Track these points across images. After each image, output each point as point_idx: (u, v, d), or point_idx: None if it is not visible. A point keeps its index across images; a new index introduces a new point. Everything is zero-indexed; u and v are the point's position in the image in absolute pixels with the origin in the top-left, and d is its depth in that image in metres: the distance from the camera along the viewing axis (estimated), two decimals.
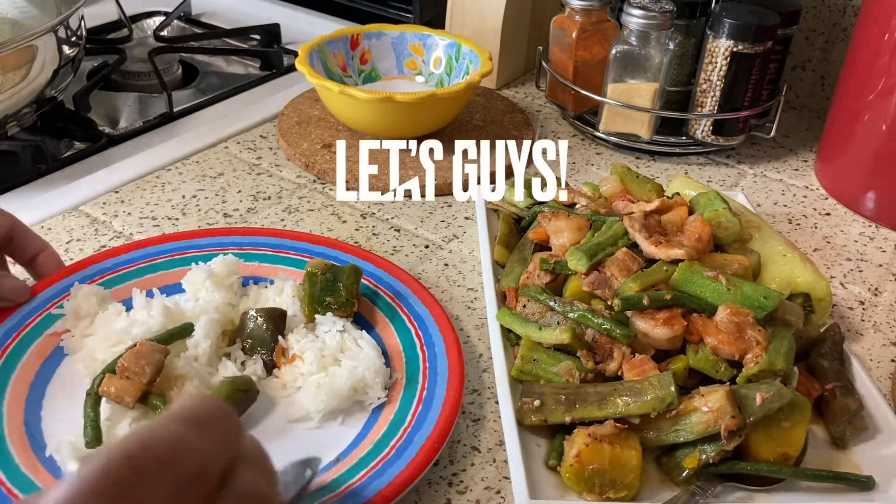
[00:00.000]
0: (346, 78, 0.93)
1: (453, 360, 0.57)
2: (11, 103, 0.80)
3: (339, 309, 0.60)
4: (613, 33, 0.91)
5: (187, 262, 0.66)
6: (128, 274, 0.65)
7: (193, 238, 0.68)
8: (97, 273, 0.64)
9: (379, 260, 0.67)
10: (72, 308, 0.60)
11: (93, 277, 0.64)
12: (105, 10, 1.15)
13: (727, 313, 0.55)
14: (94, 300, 0.60)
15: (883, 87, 0.78)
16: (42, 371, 0.57)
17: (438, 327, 0.61)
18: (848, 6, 0.98)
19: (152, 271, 0.65)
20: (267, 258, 0.68)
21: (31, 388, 0.56)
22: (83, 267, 0.64)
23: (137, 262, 0.66)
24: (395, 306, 0.63)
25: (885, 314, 0.70)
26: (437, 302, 0.63)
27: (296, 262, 0.67)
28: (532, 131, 0.93)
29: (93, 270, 0.64)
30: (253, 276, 0.66)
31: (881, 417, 0.56)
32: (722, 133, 0.89)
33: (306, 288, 0.61)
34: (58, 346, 0.59)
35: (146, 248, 0.67)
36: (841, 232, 0.81)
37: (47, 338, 0.59)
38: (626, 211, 0.64)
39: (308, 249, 0.68)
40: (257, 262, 0.67)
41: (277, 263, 0.67)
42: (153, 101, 0.99)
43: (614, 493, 0.50)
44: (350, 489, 0.48)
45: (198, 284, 0.61)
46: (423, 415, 0.54)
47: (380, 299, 0.64)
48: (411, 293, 0.64)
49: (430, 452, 0.51)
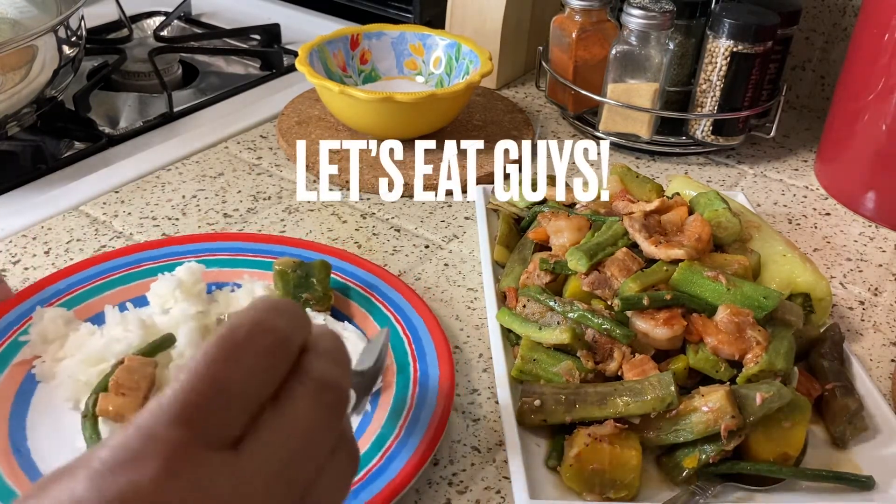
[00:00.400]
0: (346, 78, 0.93)
1: (438, 340, 0.59)
2: (11, 103, 0.80)
3: (317, 304, 0.60)
4: (613, 33, 0.91)
5: (146, 274, 0.64)
6: (88, 292, 0.63)
7: (146, 250, 0.67)
8: (53, 295, 0.62)
9: (344, 253, 0.68)
10: (38, 333, 0.57)
11: (50, 300, 0.61)
12: (105, 10, 1.15)
13: (727, 313, 0.55)
14: (60, 322, 0.58)
15: (883, 87, 0.78)
16: (18, 403, 0.54)
17: (416, 311, 0.62)
18: (848, 6, 0.98)
19: (111, 287, 0.63)
20: (227, 262, 0.67)
21: (10, 422, 0.53)
22: (38, 290, 0.62)
23: (94, 280, 0.64)
24: (370, 296, 0.64)
25: (885, 314, 0.70)
26: (409, 288, 0.64)
27: (258, 263, 0.67)
28: (532, 131, 0.93)
29: (49, 293, 0.62)
30: (215, 281, 0.65)
31: (881, 417, 0.56)
32: (722, 133, 0.89)
33: (279, 286, 0.61)
34: (28, 374, 0.56)
35: (100, 265, 0.65)
36: (841, 232, 0.81)
37: (15, 368, 0.56)
38: (626, 211, 0.65)
39: (267, 250, 0.68)
40: (217, 267, 0.66)
41: (239, 267, 0.66)
42: (153, 101, 0.99)
43: (614, 493, 0.50)
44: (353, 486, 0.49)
45: (166, 295, 0.60)
46: (422, 395, 0.55)
47: (352, 291, 0.64)
48: (382, 282, 0.65)
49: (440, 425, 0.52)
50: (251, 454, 0.29)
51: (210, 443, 0.29)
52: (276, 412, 0.31)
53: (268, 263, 0.65)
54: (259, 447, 0.29)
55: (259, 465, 0.29)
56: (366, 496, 0.48)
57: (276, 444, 0.30)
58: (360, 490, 0.48)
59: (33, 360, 0.57)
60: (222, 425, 0.29)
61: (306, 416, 0.31)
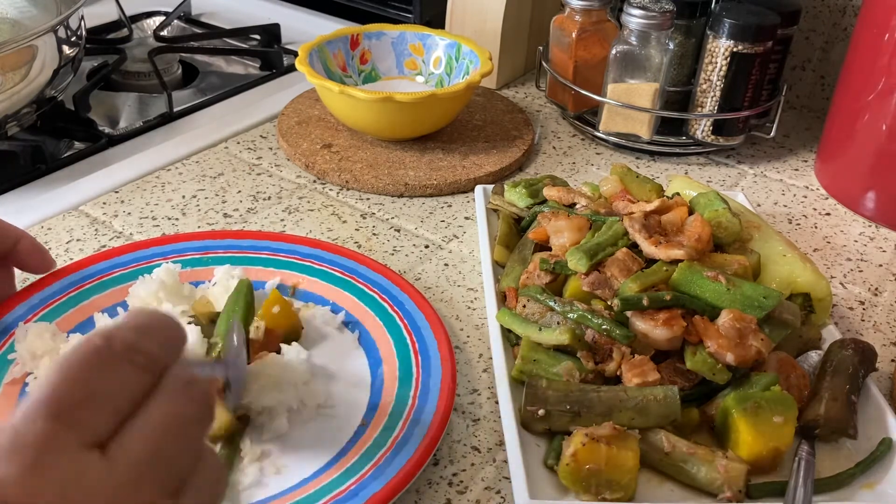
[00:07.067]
0: (346, 78, 0.93)
1: (441, 340, 0.59)
2: (11, 103, 0.80)
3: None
4: (613, 33, 0.91)
5: (118, 281, 0.64)
6: (66, 302, 0.61)
7: (112, 258, 0.66)
8: (29, 311, 0.60)
9: (345, 250, 0.68)
10: (26, 350, 0.56)
11: (27, 316, 0.60)
12: (105, 10, 1.15)
13: (730, 318, 0.55)
14: (46, 336, 0.57)
15: (883, 87, 0.78)
16: None
17: (420, 310, 0.62)
18: (848, 6, 0.98)
19: (87, 296, 0.62)
20: (197, 262, 0.67)
21: None
22: (10, 308, 0.60)
23: (70, 290, 0.62)
24: (374, 294, 0.64)
25: (885, 314, 0.70)
26: (412, 286, 0.64)
27: (228, 259, 0.67)
28: (532, 131, 0.93)
29: (24, 309, 0.60)
30: (190, 281, 0.64)
31: (881, 417, 0.56)
32: (722, 133, 0.89)
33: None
34: (23, 393, 0.55)
35: (69, 276, 0.63)
36: (841, 232, 0.81)
37: (8, 388, 0.55)
38: (626, 211, 0.64)
39: (233, 245, 0.68)
40: (191, 266, 0.66)
41: (210, 265, 0.66)
42: (153, 101, 0.99)
43: (610, 494, 0.50)
44: (349, 489, 0.48)
45: (148, 297, 0.59)
46: (424, 395, 0.55)
47: (356, 289, 0.65)
48: (386, 280, 0.65)
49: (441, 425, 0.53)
50: (118, 451, 0.30)
51: (79, 439, 0.29)
52: (140, 414, 0.32)
53: (238, 259, 0.66)
54: (126, 442, 0.30)
55: (126, 461, 0.30)
56: (366, 495, 0.48)
57: (140, 440, 0.31)
58: (361, 489, 0.48)
59: (25, 377, 0.56)
60: (91, 424, 0.30)
61: (168, 412, 0.32)
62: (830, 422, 0.54)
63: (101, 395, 0.30)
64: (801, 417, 0.54)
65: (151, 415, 0.31)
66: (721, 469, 0.50)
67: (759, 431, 0.51)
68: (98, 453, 0.30)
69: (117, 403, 0.31)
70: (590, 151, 0.93)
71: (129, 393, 0.31)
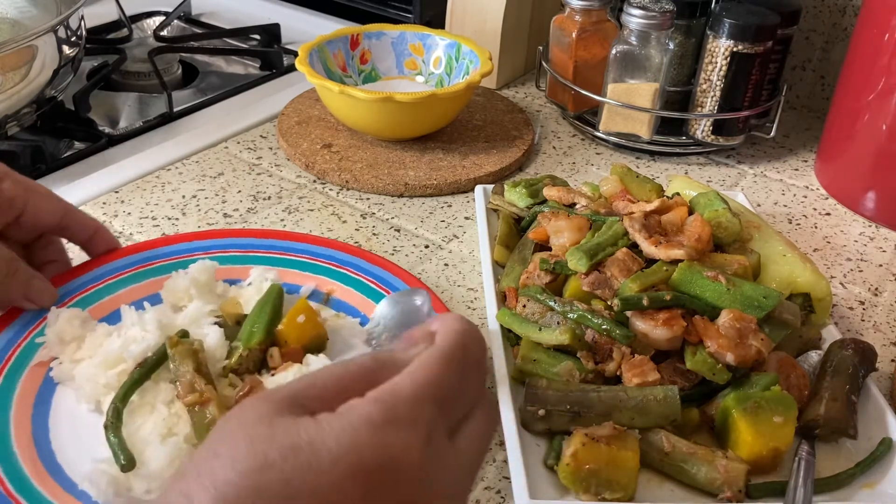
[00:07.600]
0: (346, 78, 0.93)
1: None
2: (11, 103, 0.81)
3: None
4: (613, 33, 0.91)
5: (158, 272, 0.64)
6: (101, 290, 0.62)
7: (155, 248, 0.66)
8: (66, 295, 0.61)
9: (348, 247, 0.69)
10: (55, 334, 0.56)
11: (63, 300, 0.60)
12: (105, 10, 1.15)
13: (730, 318, 0.55)
14: (76, 322, 0.57)
15: (883, 87, 0.78)
16: (39, 406, 0.54)
17: None
18: (848, 6, 0.98)
19: (124, 285, 0.63)
20: (237, 259, 0.67)
21: (32, 423, 0.53)
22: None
23: (106, 279, 0.63)
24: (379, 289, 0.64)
25: (885, 314, 0.70)
26: (418, 279, 0.64)
27: (266, 259, 0.67)
28: (532, 131, 0.93)
29: (61, 292, 0.61)
30: (227, 278, 0.64)
31: (881, 417, 0.56)
32: (722, 133, 0.89)
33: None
34: (47, 377, 0.56)
35: (112, 263, 0.64)
36: (841, 232, 0.81)
37: (33, 369, 0.56)
38: (626, 211, 0.64)
39: (273, 245, 0.68)
40: (229, 264, 0.66)
41: (248, 263, 0.66)
42: (153, 101, 0.99)
43: (610, 494, 0.50)
44: None
45: (180, 293, 0.60)
46: None
47: (361, 285, 0.65)
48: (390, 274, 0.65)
49: None
50: (462, 442, 0.35)
51: (445, 425, 0.34)
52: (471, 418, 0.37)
53: (275, 260, 0.65)
54: (465, 439, 0.36)
55: (466, 454, 0.35)
56: None
57: (476, 439, 0.36)
58: None
59: (50, 361, 0.57)
60: (453, 416, 0.35)
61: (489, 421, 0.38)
62: (830, 422, 0.54)
63: (463, 394, 0.36)
64: (801, 417, 0.54)
65: (478, 420, 0.37)
66: (721, 469, 0.50)
67: (759, 431, 0.51)
68: (450, 441, 0.35)
69: (466, 403, 0.36)
70: (590, 151, 0.93)
71: (472, 399, 0.37)
